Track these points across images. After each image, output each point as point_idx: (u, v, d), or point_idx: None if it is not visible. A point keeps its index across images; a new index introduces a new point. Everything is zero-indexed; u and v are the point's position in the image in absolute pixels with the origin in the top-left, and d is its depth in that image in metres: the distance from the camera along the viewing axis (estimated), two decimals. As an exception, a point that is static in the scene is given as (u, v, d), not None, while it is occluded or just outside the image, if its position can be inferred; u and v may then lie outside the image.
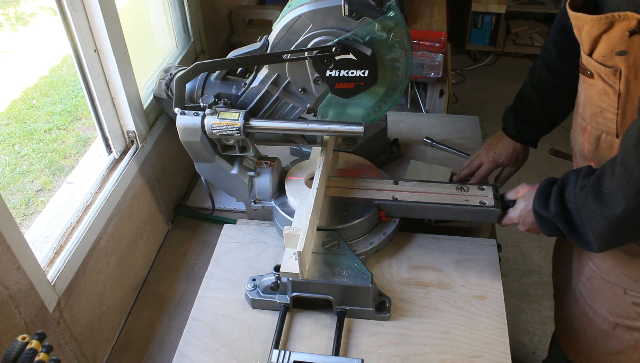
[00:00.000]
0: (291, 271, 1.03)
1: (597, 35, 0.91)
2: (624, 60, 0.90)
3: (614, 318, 1.20)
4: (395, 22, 0.98)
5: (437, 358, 1.02)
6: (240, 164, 1.20)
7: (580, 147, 1.12)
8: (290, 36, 1.02)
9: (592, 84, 1.00)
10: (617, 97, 0.96)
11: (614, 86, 0.95)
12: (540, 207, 1.05)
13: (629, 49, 0.88)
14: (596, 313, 1.23)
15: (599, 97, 1.00)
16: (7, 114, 2.76)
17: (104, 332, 1.18)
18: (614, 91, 0.96)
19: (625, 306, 1.17)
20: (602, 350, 1.27)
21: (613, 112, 0.99)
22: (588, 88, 1.02)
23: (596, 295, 1.21)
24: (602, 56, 0.93)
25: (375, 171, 1.33)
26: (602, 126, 1.03)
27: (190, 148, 1.14)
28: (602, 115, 1.02)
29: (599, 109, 1.01)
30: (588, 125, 1.07)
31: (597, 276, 1.18)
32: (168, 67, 1.34)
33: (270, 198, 1.24)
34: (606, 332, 1.23)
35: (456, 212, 1.20)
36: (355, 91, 1.06)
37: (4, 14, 3.28)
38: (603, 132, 1.04)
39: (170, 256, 1.40)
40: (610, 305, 1.19)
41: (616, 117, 0.99)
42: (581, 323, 1.28)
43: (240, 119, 1.07)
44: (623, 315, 1.19)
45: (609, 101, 0.98)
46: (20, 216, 2.21)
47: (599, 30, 0.90)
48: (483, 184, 1.23)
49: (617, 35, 0.88)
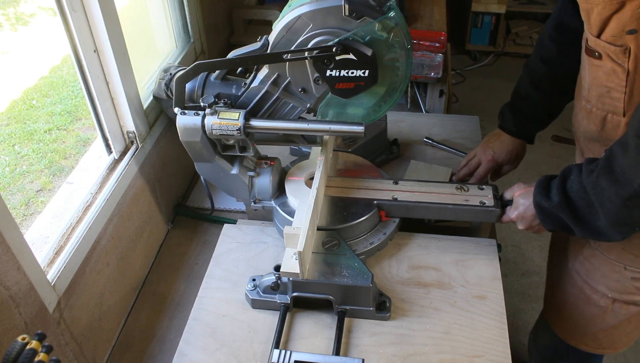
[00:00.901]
0: (291, 271, 1.03)
1: (607, 16, 0.93)
2: (634, 38, 0.92)
3: (612, 294, 1.22)
4: (395, 22, 0.98)
5: (437, 358, 1.02)
6: (240, 164, 1.20)
7: (585, 129, 1.14)
8: (290, 36, 1.02)
9: (599, 65, 1.01)
10: (625, 75, 0.98)
11: (622, 64, 0.97)
12: (542, 199, 1.06)
13: (639, 27, 0.91)
14: (594, 290, 1.25)
15: (606, 78, 1.02)
16: (7, 115, 2.76)
17: (104, 332, 1.18)
18: (622, 70, 0.98)
19: (625, 282, 1.19)
20: (597, 326, 1.30)
21: (621, 91, 1.01)
22: (595, 70, 1.03)
23: (595, 272, 1.23)
24: (611, 36, 0.95)
25: (375, 171, 1.33)
26: (608, 107, 1.05)
27: (190, 148, 1.14)
28: (609, 95, 1.03)
29: (606, 89, 1.03)
30: (593, 107, 1.08)
31: (597, 254, 1.20)
32: (168, 67, 1.34)
33: (270, 198, 1.24)
34: (603, 308, 1.26)
35: (456, 212, 1.20)
36: (356, 91, 1.06)
37: (4, 14, 3.28)
38: (609, 112, 1.05)
39: (170, 256, 1.40)
40: (609, 281, 1.21)
41: (624, 95, 1.01)
42: (578, 301, 1.30)
43: (240, 119, 1.07)
44: (622, 290, 1.21)
45: (617, 80, 1.00)
46: (20, 217, 2.22)
47: (610, 11, 0.92)
48: (482, 184, 1.23)
49: (628, 15, 0.90)
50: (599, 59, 1.01)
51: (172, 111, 1.32)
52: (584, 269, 1.25)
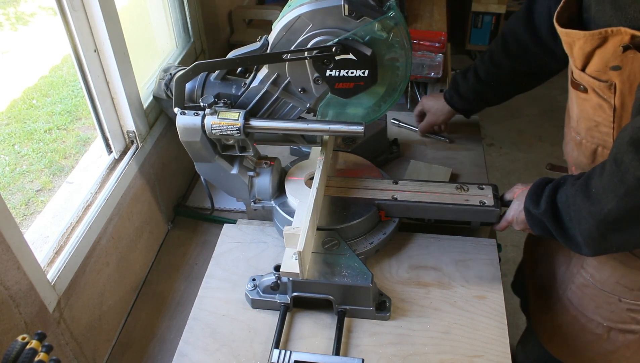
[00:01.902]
0: (291, 271, 1.03)
1: (590, 51, 0.91)
2: (619, 75, 0.89)
3: (608, 323, 1.20)
4: (395, 22, 0.98)
5: (437, 358, 1.02)
6: (240, 164, 1.20)
7: (576, 160, 1.12)
8: (290, 36, 1.02)
9: (586, 99, 0.99)
10: (612, 111, 0.95)
11: (609, 100, 0.94)
12: (530, 205, 1.05)
13: (623, 64, 0.88)
14: (589, 319, 1.23)
15: (593, 112, 0.99)
16: (7, 114, 2.76)
17: (104, 332, 1.18)
18: (609, 106, 0.95)
19: (620, 313, 1.18)
20: (595, 351, 1.28)
21: (609, 126, 0.98)
22: (582, 103, 1.01)
23: (589, 302, 1.21)
24: (595, 70, 0.93)
25: (375, 171, 1.33)
26: (597, 140, 1.03)
27: (190, 148, 1.14)
28: (597, 129, 1.01)
29: (594, 123, 1.01)
30: (583, 139, 1.06)
31: (590, 284, 1.18)
32: (167, 67, 1.34)
33: (270, 197, 1.24)
34: (599, 335, 1.24)
35: (456, 212, 1.20)
36: (355, 91, 1.06)
37: (4, 14, 3.28)
38: (599, 146, 1.03)
39: (170, 256, 1.40)
40: (604, 312, 1.20)
41: (612, 131, 0.98)
42: (573, 328, 1.28)
43: (240, 119, 1.07)
44: (618, 320, 1.19)
45: (604, 115, 0.97)
46: (20, 216, 2.22)
47: (592, 46, 0.90)
48: (482, 184, 1.23)
49: (611, 51, 0.87)
50: (584, 93, 0.98)
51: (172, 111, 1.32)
52: (576, 298, 1.23)
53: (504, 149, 3.32)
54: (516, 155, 3.25)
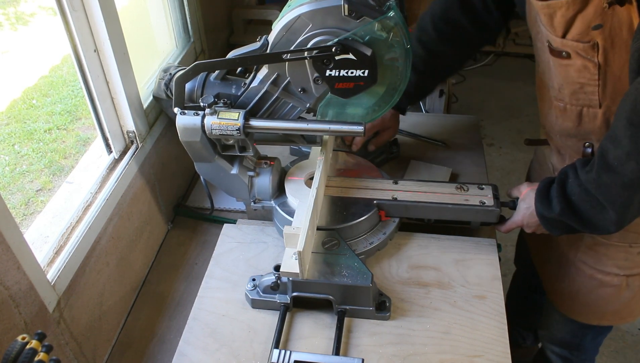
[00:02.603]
0: (291, 270, 1.03)
1: (572, 16, 0.96)
2: (600, 33, 0.95)
3: (624, 271, 1.26)
4: (395, 22, 0.98)
5: (437, 358, 1.02)
6: (240, 164, 1.20)
7: (561, 127, 1.16)
8: (290, 36, 1.02)
9: (569, 64, 1.03)
10: (597, 69, 1.00)
11: (592, 59, 0.99)
12: (544, 209, 1.08)
13: (604, 22, 0.93)
14: (605, 274, 1.27)
15: (578, 74, 1.04)
16: (7, 114, 2.77)
17: (104, 332, 1.18)
18: (593, 65, 1.00)
19: (633, 258, 1.23)
20: (616, 302, 1.33)
21: (594, 85, 1.03)
22: (564, 69, 1.05)
23: (601, 257, 1.26)
24: (577, 34, 0.97)
25: (375, 171, 1.33)
26: (582, 102, 1.08)
27: (190, 148, 1.14)
28: (582, 90, 1.06)
29: (579, 85, 1.05)
30: (567, 104, 1.11)
31: (598, 242, 1.23)
32: (167, 67, 1.34)
33: (270, 197, 1.24)
34: (618, 286, 1.29)
35: (456, 212, 1.20)
36: (355, 91, 1.06)
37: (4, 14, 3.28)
38: (584, 106, 1.08)
39: (170, 256, 1.40)
40: (618, 261, 1.25)
41: (597, 88, 1.03)
42: (591, 287, 1.32)
43: (240, 119, 1.07)
44: (632, 266, 1.25)
45: (588, 75, 1.02)
46: (20, 216, 2.22)
47: (574, 11, 0.95)
48: (482, 184, 1.23)
49: (592, 12, 0.93)
50: (567, 58, 1.03)
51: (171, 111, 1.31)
52: (588, 257, 1.28)
53: (504, 149, 3.32)
54: (516, 155, 3.25)
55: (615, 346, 2.22)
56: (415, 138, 1.63)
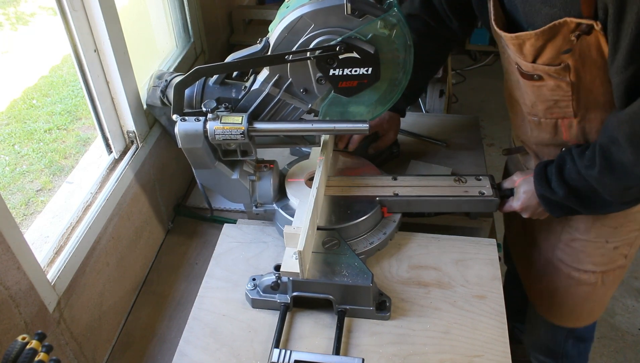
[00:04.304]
0: (291, 270, 1.03)
1: (541, 45, 0.98)
2: (570, 56, 0.97)
3: (601, 268, 1.28)
4: (397, 19, 0.98)
5: (437, 358, 1.02)
6: (240, 169, 1.19)
7: (537, 139, 1.20)
8: (291, 37, 1.02)
9: (541, 85, 1.06)
10: (570, 86, 1.03)
11: (564, 79, 1.02)
12: (545, 191, 1.11)
13: (573, 46, 0.95)
14: (582, 272, 1.30)
15: (551, 93, 1.07)
16: (7, 114, 2.77)
17: (104, 332, 1.18)
18: (566, 83, 1.03)
19: (609, 253, 1.25)
20: (591, 301, 1.36)
21: (568, 100, 1.06)
22: (537, 89, 1.08)
23: (578, 254, 1.28)
24: (548, 59, 1.00)
25: (375, 171, 1.33)
26: (556, 115, 1.11)
27: (190, 155, 1.12)
28: (556, 105, 1.08)
29: (553, 101, 1.08)
30: (542, 118, 1.14)
31: (577, 237, 1.26)
32: (161, 73, 1.32)
33: (272, 201, 1.23)
34: (594, 284, 1.31)
35: (457, 204, 1.22)
36: (359, 89, 1.05)
37: (4, 14, 3.28)
38: (559, 118, 1.11)
39: (170, 256, 1.40)
40: (595, 258, 1.27)
41: (571, 102, 1.06)
42: (568, 286, 1.35)
43: (243, 123, 1.06)
44: (608, 261, 1.27)
45: (562, 92, 1.05)
46: (20, 216, 2.22)
47: (543, 41, 0.97)
48: (480, 175, 1.25)
49: (561, 40, 0.95)
50: (539, 80, 1.05)
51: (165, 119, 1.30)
52: (566, 255, 1.30)
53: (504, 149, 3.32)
54: (516, 155, 3.24)
55: (615, 346, 2.23)
56: (416, 137, 1.63)
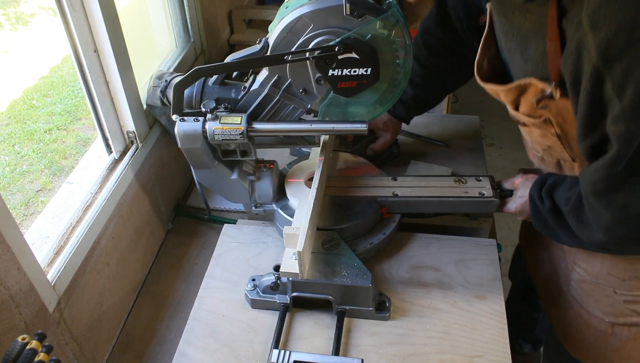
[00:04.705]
0: (291, 271, 1.03)
1: (515, 98, 0.97)
2: (548, 111, 0.93)
3: (610, 318, 1.20)
4: (396, 19, 0.98)
5: (437, 358, 1.02)
6: (240, 169, 1.19)
7: (545, 170, 1.17)
8: (290, 37, 1.02)
9: (529, 131, 1.04)
10: (557, 137, 1.00)
11: (549, 130, 0.99)
12: (536, 195, 1.08)
13: (548, 104, 0.92)
14: (591, 315, 1.23)
15: (542, 139, 1.04)
16: (7, 114, 2.77)
17: (104, 332, 1.18)
18: (552, 133, 0.99)
19: (618, 306, 1.18)
20: (603, 347, 1.28)
21: (560, 147, 1.03)
22: (528, 133, 1.07)
23: (588, 297, 1.22)
24: (526, 111, 0.97)
25: (375, 171, 1.33)
26: (556, 156, 1.08)
27: (189, 155, 1.12)
28: (552, 149, 1.06)
29: (547, 146, 1.06)
30: (543, 155, 1.11)
31: (586, 279, 1.20)
32: (161, 74, 1.32)
33: (271, 201, 1.23)
34: (604, 332, 1.24)
35: (457, 204, 1.21)
36: (358, 89, 1.05)
37: (4, 14, 3.29)
38: (560, 159, 1.08)
39: (170, 256, 1.40)
40: (603, 306, 1.20)
41: (565, 149, 1.02)
42: (579, 324, 1.28)
43: (242, 123, 1.06)
44: (617, 314, 1.19)
45: (552, 139, 1.02)
46: (21, 216, 2.22)
47: (515, 95, 0.96)
48: (480, 176, 1.24)
49: (532, 96, 0.92)
50: (526, 126, 1.03)
51: (165, 119, 1.30)
52: (577, 294, 1.24)
53: (504, 149, 3.32)
54: (516, 155, 3.25)
55: (616, 346, 2.22)
56: (416, 138, 1.63)
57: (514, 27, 0.93)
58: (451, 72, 1.39)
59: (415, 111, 1.48)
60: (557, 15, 0.82)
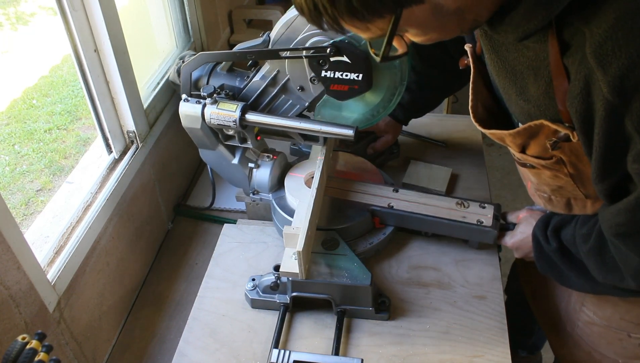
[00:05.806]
0: (291, 270, 1.03)
1: (523, 142, 0.90)
2: (561, 151, 0.87)
3: (624, 360, 1.16)
4: None
5: (437, 358, 1.02)
6: (242, 154, 1.23)
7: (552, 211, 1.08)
8: (289, 34, 1.03)
9: (539, 172, 0.96)
10: (570, 176, 0.93)
11: (561, 170, 0.92)
12: (541, 236, 1.03)
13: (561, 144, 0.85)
14: (603, 356, 1.18)
15: (553, 180, 0.96)
16: (7, 114, 2.77)
17: (104, 332, 1.18)
18: (564, 173, 0.92)
19: (633, 348, 1.13)
20: None
21: (572, 185, 0.95)
22: (536, 175, 0.98)
23: (599, 340, 1.17)
24: (536, 153, 0.90)
25: (377, 175, 1.32)
26: (566, 195, 1.00)
27: (192, 134, 1.18)
28: (563, 189, 0.98)
29: (557, 186, 0.98)
30: (551, 196, 1.03)
31: (596, 322, 1.15)
32: (183, 54, 1.39)
33: (268, 191, 1.25)
34: None
35: (451, 228, 1.18)
36: (350, 94, 1.06)
37: (5, 14, 3.29)
38: (570, 198, 1.01)
39: (170, 256, 1.40)
40: (616, 348, 1.15)
41: (577, 187, 0.95)
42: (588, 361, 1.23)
43: (237, 111, 1.10)
44: (632, 355, 1.15)
45: (565, 179, 0.94)
46: (21, 216, 2.22)
47: (523, 139, 0.89)
48: (485, 203, 1.20)
49: (544, 138, 0.86)
50: (534, 168, 0.95)
51: None
52: (586, 335, 1.19)
53: (504, 149, 3.30)
54: (516, 155, 3.24)
55: (615, 346, 2.22)
56: (416, 138, 1.63)
57: (506, 65, 0.86)
58: (446, 80, 1.37)
59: (413, 114, 1.48)
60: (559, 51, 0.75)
